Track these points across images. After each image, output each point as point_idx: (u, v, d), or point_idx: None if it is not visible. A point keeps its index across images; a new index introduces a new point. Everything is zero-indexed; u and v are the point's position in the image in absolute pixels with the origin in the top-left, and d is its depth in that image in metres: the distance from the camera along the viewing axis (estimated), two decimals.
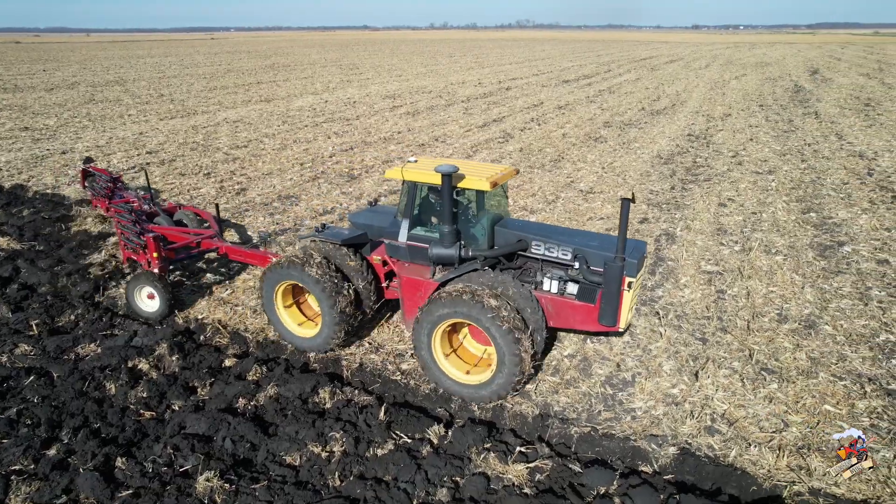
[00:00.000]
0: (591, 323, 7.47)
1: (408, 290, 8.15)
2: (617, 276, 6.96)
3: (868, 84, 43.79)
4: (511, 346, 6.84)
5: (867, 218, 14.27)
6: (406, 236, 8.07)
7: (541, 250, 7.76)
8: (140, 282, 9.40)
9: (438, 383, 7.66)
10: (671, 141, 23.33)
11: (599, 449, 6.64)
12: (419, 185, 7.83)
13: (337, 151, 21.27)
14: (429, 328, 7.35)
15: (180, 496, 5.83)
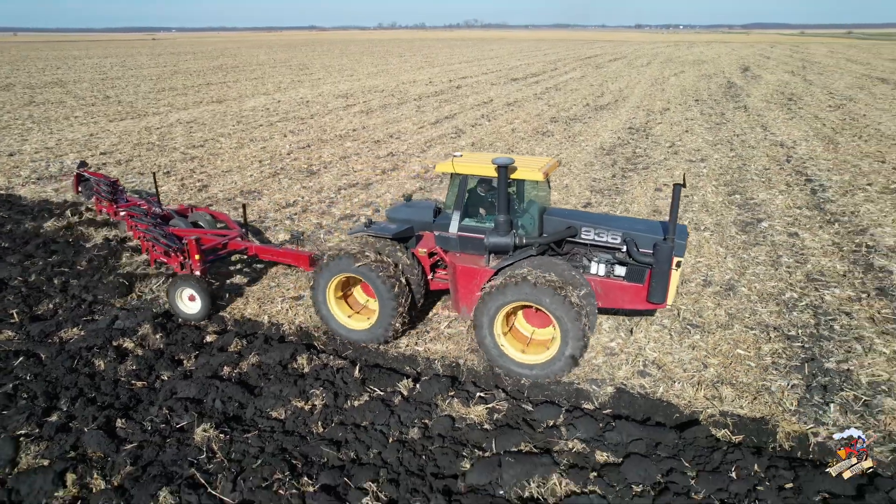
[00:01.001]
0: (639, 301, 8.00)
1: (462, 279, 8.36)
2: (667, 256, 7.48)
3: (792, 80, 46.94)
4: (575, 326, 7.31)
5: (783, 198, 15.91)
6: (457, 227, 8.45)
7: (591, 235, 8.17)
8: (182, 284, 9.36)
9: (495, 363, 7.99)
10: (613, 134, 24.83)
11: (548, 392, 7.66)
12: (468, 178, 8.26)
13: (294, 149, 21.81)
14: (492, 312, 7.68)
15: (181, 446, 6.53)
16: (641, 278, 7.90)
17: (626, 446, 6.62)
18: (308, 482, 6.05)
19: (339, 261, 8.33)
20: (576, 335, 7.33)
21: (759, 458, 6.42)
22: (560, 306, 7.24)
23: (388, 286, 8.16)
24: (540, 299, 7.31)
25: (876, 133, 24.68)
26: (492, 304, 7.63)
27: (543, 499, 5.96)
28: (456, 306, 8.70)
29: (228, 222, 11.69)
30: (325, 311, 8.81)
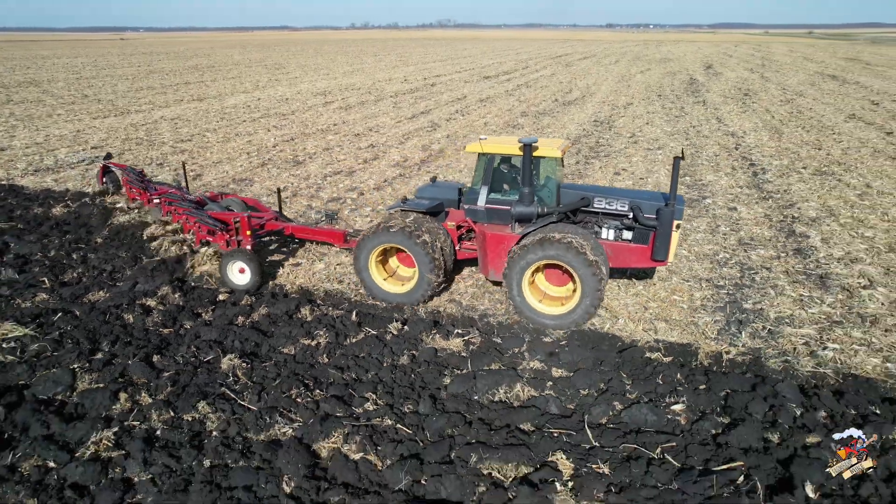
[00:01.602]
0: (644, 260, 9.28)
1: (492, 244, 9.44)
2: (669, 219, 8.76)
3: (750, 77, 49.47)
4: (593, 281, 8.49)
5: (727, 180, 17.75)
6: (485, 200, 9.63)
7: (602, 205, 9.38)
8: (233, 258, 10.31)
9: (523, 313, 9.12)
10: (579, 126, 26.57)
11: (515, 329, 9.18)
12: (494, 157, 9.47)
13: (279, 142, 23.05)
14: (521, 270, 8.83)
15: (210, 373, 7.89)
16: (646, 240, 9.15)
17: (576, 364, 8.19)
18: (320, 394, 7.48)
19: (383, 232, 9.39)
20: (594, 289, 8.54)
21: (681, 369, 8.04)
22: (581, 264, 8.45)
23: (426, 254, 9.25)
24: (565, 257, 8.51)
25: (818, 124, 26.85)
26: (521, 262, 8.80)
27: (510, 401, 7.47)
28: (484, 269, 9.82)
29: (260, 206, 12.71)
30: (367, 276, 9.88)
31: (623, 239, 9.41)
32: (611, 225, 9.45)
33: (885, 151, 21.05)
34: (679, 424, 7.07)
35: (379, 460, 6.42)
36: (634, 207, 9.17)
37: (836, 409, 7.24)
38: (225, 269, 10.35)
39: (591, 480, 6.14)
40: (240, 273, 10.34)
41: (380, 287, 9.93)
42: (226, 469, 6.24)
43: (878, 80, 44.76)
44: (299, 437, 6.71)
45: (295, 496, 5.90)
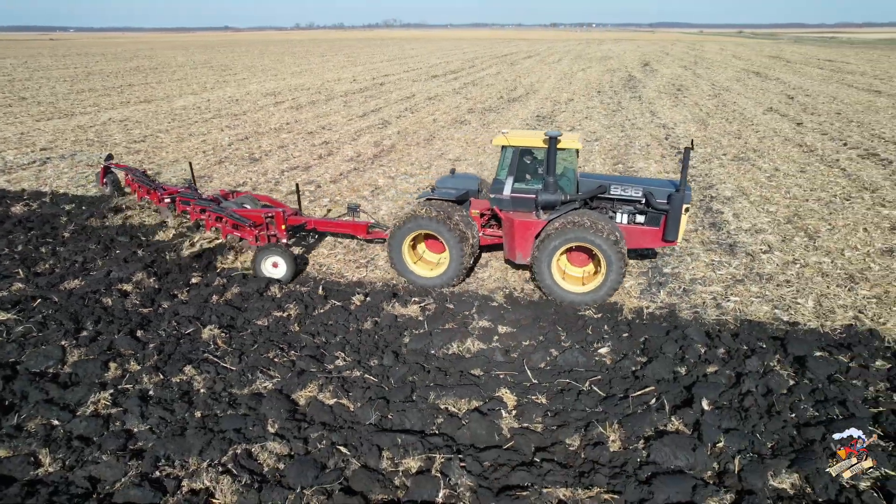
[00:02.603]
0: (656, 241, 10.14)
1: (519, 231, 10.08)
2: (680, 203, 9.57)
3: (684, 74, 52.38)
4: (618, 260, 9.34)
5: (656, 166, 19.46)
6: (511, 190, 10.32)
7: (618, 191, 10.12)
8: (268, 252, 10.72)
9: (552, 292, 9.88)
10: (523, 121, 28.04)
11: (465, 297, 10.34)
12: (519, 150, 10.10)
13: (234, 141, 23.57)
14: (551, 253, 9.57)
15: (192, 343, 8.72)
16: (657, 223, 10.01)
17: (519, 321, 9.42)
18: (295, 354, 8.45)
19: (417, 220, 10.05)
20: (618, 268, 9.42)
21: (608, 322, 9.39)
22: (607, 246, 9.31)
23: (458, 239, 9.98)
24: (593, 241, 9.33)
25: (739, 116, 29.19)
26: (551, 246, 9.54)
27: (462, 353, 8.63)
28: (511, 253, 10.45)
29: (274, 203, 13.08)
30: (400, 261, 10.53)
31: (636, 222, 10.22)
32: (624, 210, 10.25)
33: (793, 140, 23.35)
34: (605, 364, 8.38)
35: (351, 403, 7.46)
36: (647, 193, 9.98)
37: (733, 346, 8.71)
38: (259, 263, 10.76)
39: (531, 408, 7.35)
40: (273, 267, 10.78)
41: (412, 271, 10.60)
42: (216, 417, 7.14)
43: (796, 77, 48.33)
44: (279, 389, 7.67)
45: (280, 434, 6.87)
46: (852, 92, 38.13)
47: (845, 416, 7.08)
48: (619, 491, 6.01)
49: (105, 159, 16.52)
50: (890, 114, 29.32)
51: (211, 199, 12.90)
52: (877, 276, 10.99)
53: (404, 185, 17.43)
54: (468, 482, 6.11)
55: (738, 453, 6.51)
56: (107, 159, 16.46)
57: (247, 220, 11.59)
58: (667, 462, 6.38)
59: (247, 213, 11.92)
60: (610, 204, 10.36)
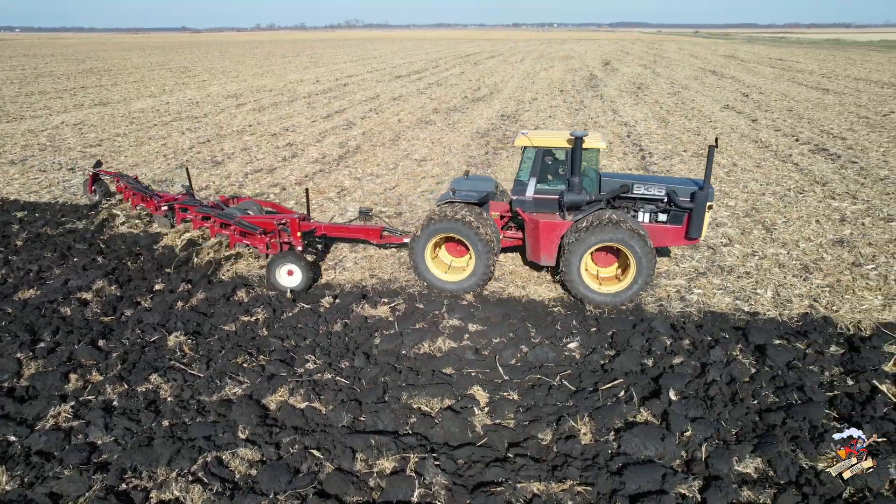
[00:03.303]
0: (679, 239, 10.10)
1: (545, 232, 9.90)
2: (704, 200, 9.56)
3: (643, 73, 53.47)
4: (649, 259, 9.28)
5: (619, 163, 19.82)
6: (534, 191, 10.19)
7: (641, 191, 10.01)
8: (282, 260, 10.25)
9: (579, 293, 9.73)
10: (487, 121, 28.22)
11: (434, 297, 10.35)
12: (542, 150, 9.93)
13: (196, 144, 23.07)
14: (580, 254, 9.43)
15: (158, 350, 8.52)
16: (680, 221, 9.97)
17: (489, 319, 9.49)
18: (264, 359, 8.33)
19: (442, 223, 9.78)
20: (648, 267, 9.36)
21: (576, 317, 9.53)
22: (640, 247, 9.25)
23: (484, 242, 9.72)
24: (623, 240, 9.24)
25: (698, 114, 29.97)
26: (582, 246, 9.42)
27: (433, 352, 8.64)
28: (535, 255, 10.26)
29: (279, 208, 12.71)
30: (423, 265, 10.18)
31: (658, 221, 10.19)
32: (646, 209, 10.18)
33: (749, 136, 24.10)
34: (574, 359, 8.51)
35: (322, 406, 7.40)
36: (670, 192, 9.91)
37: (697, 337, 8.95)
38: (273, 271, 10.33)
39: (503, 405, 7.42)
40: (288, 275, 10.36)
41: (435, 276, 10.29)
42: (185, 425, 6.99)
43: (749, 75, 49.86)
44: (249, 395, 7.56)
45: (251, 440, 6.77)
46: (802, 90, 39.55)
47: (803, 401, 7.35)
48: (591, 483, 6.11)
49: (94, 166, 15.61)
50: (837, 110, 30.52)
51: (213, 206, 12.46)
52: (829, 266, 11.43)
53: (371, 185, 17.35)
54: (443, 480, 6.13)
55: (704, 441, 6.70)
56: (95, 166, 15.58)
57: (257, 227, 11.13)
58: (637, 452, 6.52)
59: (257, 220, 11.46)
60: (632, 203, 10.28)
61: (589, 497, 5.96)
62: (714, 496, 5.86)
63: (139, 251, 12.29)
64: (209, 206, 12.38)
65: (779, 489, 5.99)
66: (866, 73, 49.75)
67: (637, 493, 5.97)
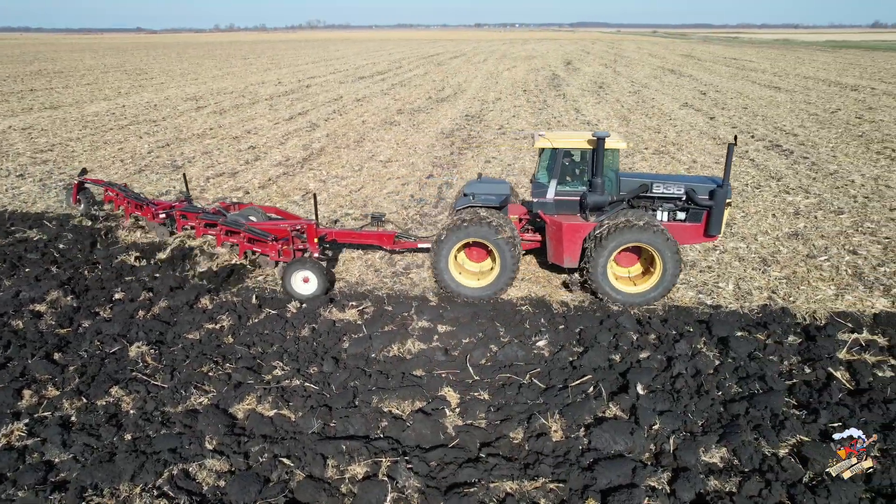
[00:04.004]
0: (697, 237, 10.15)
1: (568, 234, 9.81)
2: (723, 198, 9.65)
3: (604, 72, 54.34)
4: (675, 259, 9.34)
5: None
6: (554, 193, 10.15)
7: (660, 190, 10.03)
8: (297, 267, 9.99)
9: (605, 293, 9.73)
10: (452, 121, 28.26)
11: (402, 299, 10.30)
12: (562, 151, 9.87)
13: (154, 148, 22.47)
14: (608, 254, 9.42)
15: (119, 362, 8.25)
16: (699, 219, 10.01)
17: (458, 320, 9.49)
18: (231, 367, 8.15)
19: (467, 228, 9.55)
20: (675, 266, 9.43)
21: (544, 315, 9.61)
22: (667, 247, 9.32)
23: (509, 247, 9.60)
24: (650, 239, 9.27)
25: (658, 112, 30.61)
26: (609, 247, 9.40)
27: (403, 355, 8.60)
28: (557, 257, 10.18)
29: (285, 215, 12.37)
30: (446, 272, 9.97)
31: (676, 219, 10.24)
32: (665, 207, 10.20)
33: (708, 133, 24.73)
34: (543, 356, 8.57)
35: (292, 413, 7.28)
36: (689, 190, 9.96)
37: (662, 331, 9.12)
38: (288, 279, 10.06)
39: (474, 405, 7.42)
40: (304, 282, 10.10)
41: (458, 282, 10.10)
42: (148, 438, 6.78)
43: (706, 74, 51.21)
44: (216, 404, 7.38)
45: (218, 451, 6.61)
46: (756, 88, 40.80)
47: (765, 391, 7.57)
48: (563, 479, 6.17)
49: (78, 174, 14.92)
50: (788, 108, 31.59)
51: (215, 213, 12.08)
52: (786, 259, 11.81)
53: (336, 188, 17.18)
54: (416, 483, 6.09)
55: (672, 433, 6.83)
56: (80, 174, 14.91)
57: (268, 235, 10.83)
58: (607, 447, 6.61)
59: (269, 227, 11.19)
60: (650, 202, 10.30)
61: (561, 494, 6.01)
62: (682, 487, 5.97)
63: (97, 260, 11.88)
64: (214, 213, 11.98)
65: (743, 477, 6.14)
66: (814, 72, 51.65)
67: (608, 487, 6.05)
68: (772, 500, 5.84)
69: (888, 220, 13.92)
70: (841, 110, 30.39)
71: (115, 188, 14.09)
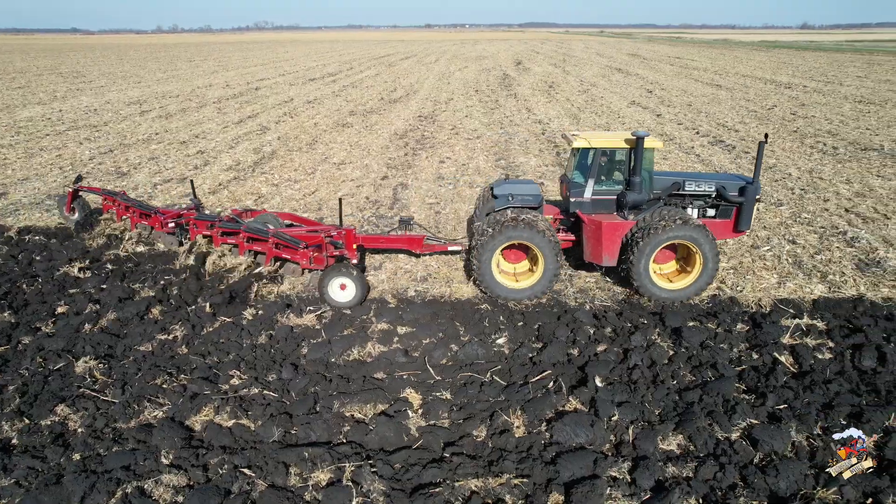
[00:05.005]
0: (727, 233, 10.43)
1: (608, 233, 9.91)
2: (753, 195, 9.99)
3: (554, 71, 55.25)
4: (714, 255, 9.53)
5: (536, 160, 20.37)
6: (591, 192, 10.25)
7: (692, 187, 10.29)
8: (335, 274, 9.74)
9: (647, 290, 9.87)
10: (405, 122, 28.19)
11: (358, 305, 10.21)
12: (599, 151, 9.95)
13: (96, 154, 21.57)
14: (650, 251, 9.52)
15: (64, 378, 7.88)
16: (728, 215, 10.36)
17: (418, 321, 9.48)
18: (186, 378, 7.91)
19: (511, 230, 9.58)
20: (715, 262, 9.64)
21: (503, 313, 9.70)
22: (707, 241, 9.50)
23: (552, 247, 9.68)
24: (693, 236, 9.44)
25: (607, 110, 31.31)
26: (648, 246, 9.51)
27: (363, 358, 8.53)
28: (596, 256, 10.25)
29: (302, 220, 12.08)
30: (489, 275, 9.93)
31: (706, 216, 10.52)
32: (695, 204, 10.47)
33: (655, 130, 25.45)
34: (503, 354, 8.66)
35: (251, 422, 7.12)
36: (720, 188, 10.24)
37: (618, 324, 9.35)
38: (325, 286, 9.80)
39: (437, 405, 7.43)
40: (341, 290, 9.86)
41: (501, 284, 10.09)
42: (99, 457, 6.51)
43: (652, 73, 52.72)
44: (171, 417, 7.15)
45: (175, 465, 6.41)
46: (699, 86, 42.28)
47: (717, 378, 7.85)
48: (527, 474, 6.24)
49: (73, 182, 14.04)
50: (729, 105, 32.86)
51: (229, 220, 11.66)
52: (732, 250, 12.27)
53: (289, 191, 16.89)
54: (380, 486, 6.06)
55: (631, 423, 7.01)
56: (75, 181, 14.02)
57: (300, 242, 10.54)
58: (569, 440, 6.72)
59: (300, 233, 10.89)
60: (680, 199, 10.50)
61: (526, 489, 6.08)
62: (642, 475, 6.14)
63: (35, 273, 11.32)
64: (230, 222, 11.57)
65: (699, 461, 6.36)
66: (751, 71, 53.90)
67: (571, 479, 6.16)
68: (726, 482, 6.06)
69: (822, 211, 14.66)
70: (777, 107, 31.81)
71: (116, 196, 13.31)
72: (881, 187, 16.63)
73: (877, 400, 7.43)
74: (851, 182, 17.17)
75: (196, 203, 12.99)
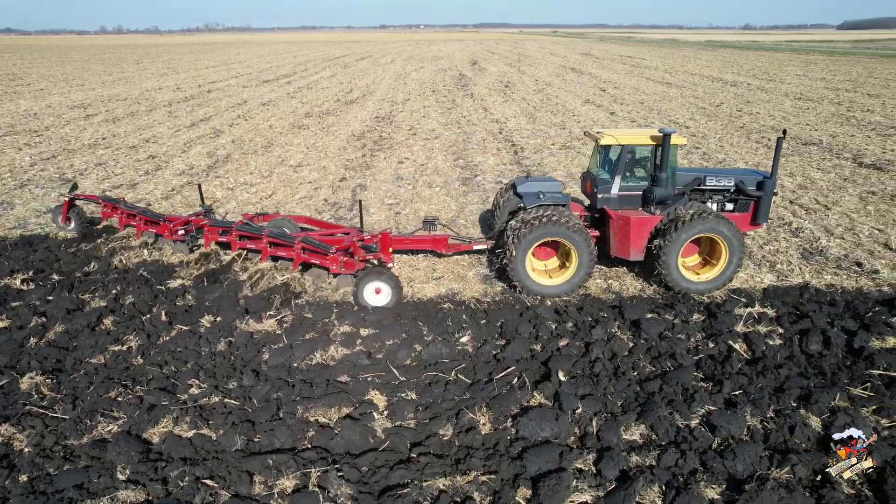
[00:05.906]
0: (745, 226, 10.69)
1: (636, 228, 10.16)
2: (771, 189, 10.29)
3: (510, 71, 55.81)
4: (741, 248, 9.84)
5: (494, 159, 20.53)
6: (618, 189, 10.40)
7: (713, 182, 10.53)
8: (372, 278, 9.75)
9: (675, 283, 10.10)
10: (362, 123, 28.00)
11: (322, 304, 10.08)
12: (626, 148, 10.12)
13: (38, 161, 20.65)
14: (680, 244, 9.74)
15: (8, 395, 7.50)
16: (746, 209, 10.67)
17: (381, 322, 9.41)
18: (142, 389, 7.64)
19: (548, 227, 9.73)
20: (741, 253, 9.94)
21: (466, 311, 9.74)
22: (734, 236, 9.80)
23: (587, 243, 9.82)
24: (719, 230, 9.73)
25: (563, 109, 31.81)
26: (677, 240, 9.76)
27: (326, 362, 8.41)
28: (623, 251, 10.47)
29: (317, 223, 11.94)
30: (524, 272, 10.06)
31: (725, 210, 10.80)
32: (715, 199, 10.74)
33: (610, 127, 25.92)
34: (467, 352, 8.68)
35: (212, 432, 6.93)
36: (739, 182, 10.54)
37: (579, 319, 9.50)
38: (361, 290, 9.81)
39: (402, 406, 7.39)
40: (376, 294, 9.86)
41: (535, 281, 10.24)
42: (48, 477, 6.22)
43: (605, 72, 53.84)
44: (127, 430, 6.89)
45: (133, 480, 6.18)
46: (650, 84, 43.40)
47: (675, 367, 8.06)
48: (494, 471, 6.27)
49: (69, 191, 13.30)
50: (679, 102, 33.85)
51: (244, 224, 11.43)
52: None
53: (245, 195, 16.54)
54: (348, 491, 5.99)
55: (594, 416, 7.12)
56: (71, 190, 13.30)
57: (330, 247, 10.46)
58: (534, 435, 6.78)
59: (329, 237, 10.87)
60: (701, 194, 10.76)
61: (494, 485, 6.11)
62: (607, 466, 6.25)
63: None
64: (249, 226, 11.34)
65: (661, 450, 6.51)
66: (699, 69, 55.67)
67: (538, 473, 6.21)
68: (687, 468, 6.23)
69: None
70: (724, 104, 32.93)
71: (117, 204, 12.73)
72: (821, 179, 17.40)
73: (823, 382, 7.77)
74: (794, 175, 17.90)
75: (206, 208, 12.64)
